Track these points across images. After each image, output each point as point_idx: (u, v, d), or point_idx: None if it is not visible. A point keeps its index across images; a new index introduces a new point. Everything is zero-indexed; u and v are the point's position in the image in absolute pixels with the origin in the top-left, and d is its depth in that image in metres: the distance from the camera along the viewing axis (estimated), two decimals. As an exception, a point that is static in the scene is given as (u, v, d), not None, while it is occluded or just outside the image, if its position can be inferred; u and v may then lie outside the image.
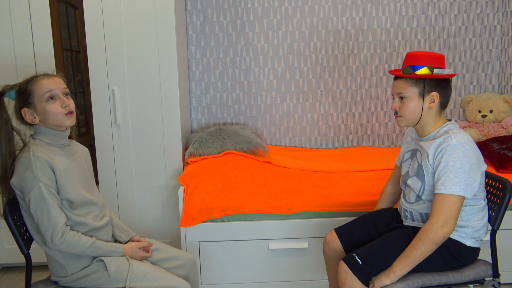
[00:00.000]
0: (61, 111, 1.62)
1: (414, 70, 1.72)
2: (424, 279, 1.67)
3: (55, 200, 1.59)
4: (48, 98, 1.61)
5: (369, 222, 1.93)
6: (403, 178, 1.88)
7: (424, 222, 1.77)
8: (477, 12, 3.28)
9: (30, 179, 1.55)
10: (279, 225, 2.36)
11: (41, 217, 1.56)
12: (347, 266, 1.67)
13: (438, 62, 1.72)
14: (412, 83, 1.71)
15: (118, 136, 2.66)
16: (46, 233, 1.57)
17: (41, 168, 1.55)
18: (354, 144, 3.43)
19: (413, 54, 1.74)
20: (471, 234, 1.71)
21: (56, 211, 1.57)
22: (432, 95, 1.71)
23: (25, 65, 2.59)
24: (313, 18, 3.25)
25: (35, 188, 1.55)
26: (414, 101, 1.72)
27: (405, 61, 1.77)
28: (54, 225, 1.56)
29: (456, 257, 1.70)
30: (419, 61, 1.71)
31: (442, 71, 1.70)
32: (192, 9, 3.21)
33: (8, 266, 2.87)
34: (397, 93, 1.76)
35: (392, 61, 3.31)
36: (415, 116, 1.74)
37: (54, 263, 1.67)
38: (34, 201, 1.56)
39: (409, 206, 1.82)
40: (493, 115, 3.18)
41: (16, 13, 2.54)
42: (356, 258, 1.68)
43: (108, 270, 1.65)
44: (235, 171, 2.51)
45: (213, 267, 2.39)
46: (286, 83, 3.32)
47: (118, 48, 2.59)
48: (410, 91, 1.72)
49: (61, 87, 1.64)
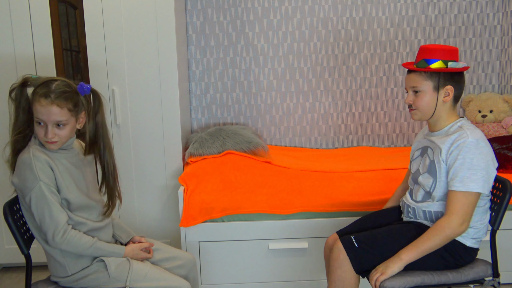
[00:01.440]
0: (42, 138, 1.59)
1: (428, 63, 1.70)
2: (424, 278, 1.66)
3: (56, 198, 1.59)
4: (37, 122, 1.58)
5: (370, 224, 1.92)
6: (413, 176, 1.86)
7: (427, 220, 1.76)
8: (477, 12, 3.28)
9: (31, 178, 1.55)
10: (279, 225, 2.36)
11: (43, 215, 1.56)
12: (342, 245, 1.70)
13: (452, 55, 1.71)
14: (427, 76, 1.71)
15: (118, 136, 2.66)
16: (48, 231, 1.57)
17: (41, 167, 1.56)
18: (354, 144, 3.43)
19: (427, 47, 1.73)
20: (472, 234, 1.71)
21: (57, 210, 1.57)
22: (447, 88, 1.71)
23: (25, 65, 2.59)
24: (313, 18, 3.25)
25: (36, 187, 1.55)
26: (428, 94, 1.72)
27: (419, 54, 1.75)
28: (56, 223, 1.56)
29: (455, 257, 1.70)
30: (433, 55, 1.70)
31: (456, 65, 1.69)
32: (192, 9, 3.21)
33: (8, 266, 2.87)
34: (411, 86, 1.75)
35: (392, 61, 3.31)
36: (429, 109, 1.73)
37: (55, 263, 1.67)
38: (35, 200, 1.56)
39: (413, 203, 1.81)
40: (493, 115, 3.18)
41: (16, 13, 2.54)
42: (353, 240, 1.70)
43: (108, 270, 1.65)
44: (235, 171, 2.51)
45: (213, 267, 2.39)
46: (286, 83, 3.32)
47: (118, 48, 2.59)
48: (424, 85, 1.71)
49: (52, 119, 1.56)
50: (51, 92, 1.55)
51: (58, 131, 1.59)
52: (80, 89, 1.63)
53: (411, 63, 1.83)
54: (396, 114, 3.39)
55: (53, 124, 1.57)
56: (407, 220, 1.85)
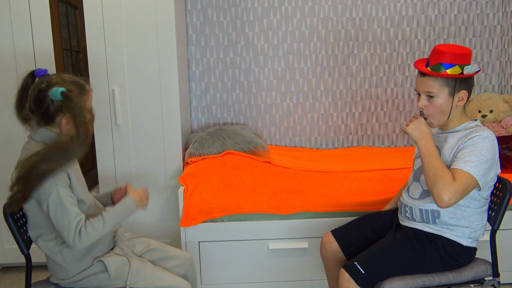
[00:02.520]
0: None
1: (445, 68, 1.65)
2: (424, 280, 1.67)
3: (73, 201, 1.57)
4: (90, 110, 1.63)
5: (365, 223, 1.93)
6: (415, 172, 1.85)
7: (423, 221, 1.76)
8: (477, 12, 3.28)
9: (47, 184, 1.52)
10: (279, 225, 2.36)
11: (62, 221, 1.53)
12: (349, 275, 1.65)
13: (467, 59, 1.68)
14: (443, 82, 1.67)
15: (118, 136, 2.66)
16: (68, 237, 1.54)
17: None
18: (354, 144, 3.43)
19: (442, 49, 1.67)
20: (468, 234, 1.71)
21: (75, 214, 1.54)
22: (461, 93, 1.69)
23: (25, 65, 2.58)
24: (313, 18, 3.25)
25: (53, 193, 1.52)
26: (443, 99, 1.68)
27: (433, 57, 1.69)
28: (74, 228, 1.53)
29: (454, 257, 1.70)
30: (450, 59, 1.65)
31: (471, 69, 1.66)
32: (192, 9, 3.21)
33: (8, 266, 2.87)
34: (425, 91, 1.70)
35: (392, 61, 3.31)
36: (444, 114, 1.71)
37: (55, 265, 1.66)
38: (53, 207, 1.53)
39: (410, 202, 1.81)
40: (493, 115, 3.18)
41: (16, 13, 2.54)
42: (358, 267, 1.65)
43: (108, 270, 1.65)
44: (235, 171, 2.51)
45: (213, 267, 2.39)
46: (286, 83, 3.32)
47: (118, 48, 2.59)
48: (440, 90, 1.67)
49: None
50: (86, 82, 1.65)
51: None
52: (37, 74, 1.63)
53: (424, 60, 1.77)
54: (396, 114, 3.39)
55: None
56: (403, 224, 1.84)
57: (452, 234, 1.70)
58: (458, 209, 1.69)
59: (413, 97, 3.36)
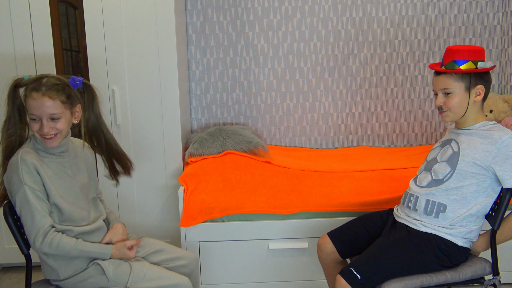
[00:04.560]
0: (38, 132, 1.58)
1: (458, 65, 1.71)
2: (422, 280, 1.67)
3: (41, 203, 1.57)
4: (32, 119, 1.57)
5: (360, 223, 1.95)
6: (427, 164, 1.86)
7: (426, 214, 1.75)
8: (477, 12, 3.28)
9: (16, 182, 1.54)
10: (279, 225, 2.36)
11: (25, 220, 1.56)
12: (345, 281, 1.65)
13: (480, 55, 1.73)
14: (458, 78, 1.72)
15: (118, 136, 2.66)
16: (30, 236, 1.56)
17: (27, 171, 1.54)
18: (354, 144, 3.43)
19: (454, 48, 1.74)
20: (464, 234, 1.72)
21: (40, 215, 1.55)
22: (478, 88, 1.72)
23: (25, 65, 2.59)
24: (313, 18, 3.25)
25: (21, 191, 1.54)
26: (460, 95, 1.72)
27: (446, 56, 1.76)
28: (37, 228, 1.55)
29: (449, 257, 1.71)
30: (462, 56, 1.71)
31: (485, 64, 1.71)
32: (192, 9, 3.21)
33: (8, 266, 2.87)
34: (441, 88, 1.75)
35: (392, 61, 3.31)
36: (461, 109, 1.74)
37: (46, 266, 1.67)
38: (19, 204, 1.55)
39: (417, 191, 1.81)
40: (493, 115, 3.18)
41: (16, 13, 2.54)
42: (355, 272, 1.66)
43: (106, 273, 1.65)
44: (235, 171, 2.51)
45: (213, 267, 2.39)
46: (286, 83, 3.32)
47: (118, 48, 2.60)
48: (456, 86, 1.72)
49: (45, 112, 1.55)
50: (42, 86, 1.55)
51: (53, 124, 1.57)
52: (71, 82, 1.62)
53: (438, 64, 1.83)
54: (396, 114, 3.39)
55: (47, 118, 1.56)
56: (399, 221, 1.84)
57: (447, 234, 1.71)
58: (464, 204, 1.71)
59: (413, 97, 3.36)
